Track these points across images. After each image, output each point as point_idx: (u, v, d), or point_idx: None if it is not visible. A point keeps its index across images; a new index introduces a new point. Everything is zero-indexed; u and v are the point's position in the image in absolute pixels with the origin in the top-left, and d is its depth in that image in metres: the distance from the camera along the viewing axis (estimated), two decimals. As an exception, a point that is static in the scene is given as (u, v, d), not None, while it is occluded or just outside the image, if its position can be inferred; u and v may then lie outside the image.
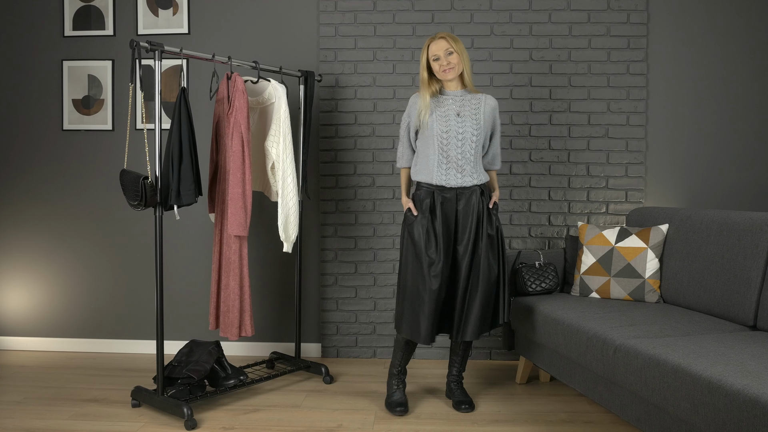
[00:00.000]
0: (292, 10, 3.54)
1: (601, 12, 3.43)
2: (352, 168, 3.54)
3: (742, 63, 3.44)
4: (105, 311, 3.67)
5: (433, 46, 2.65)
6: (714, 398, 1.71)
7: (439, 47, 2.64)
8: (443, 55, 2.64)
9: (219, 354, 2.84)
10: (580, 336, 2.40)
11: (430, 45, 2.67)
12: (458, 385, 2.86)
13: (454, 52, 2.64)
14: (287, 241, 2.97)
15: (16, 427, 2.53)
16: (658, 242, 2.83)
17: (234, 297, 2.86)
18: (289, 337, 3.61)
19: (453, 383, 2.86)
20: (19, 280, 3.70)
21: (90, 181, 3.65)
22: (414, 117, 2.71)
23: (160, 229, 2.64)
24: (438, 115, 2.66)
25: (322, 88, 3.52)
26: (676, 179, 3.48)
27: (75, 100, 3.61)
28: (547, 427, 2.56)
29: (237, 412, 2.71)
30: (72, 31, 3.60)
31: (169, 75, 3.56)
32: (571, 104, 3.47)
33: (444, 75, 2.66)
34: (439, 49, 2.64)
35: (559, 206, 3.49)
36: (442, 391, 3.00)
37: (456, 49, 2.64)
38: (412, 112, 2.72)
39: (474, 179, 2.67)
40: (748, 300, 2.37)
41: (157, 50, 2.58)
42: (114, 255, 3.65)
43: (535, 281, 2.97)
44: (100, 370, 3.32)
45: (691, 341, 2.07)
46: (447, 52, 2.64)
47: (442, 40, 2.65)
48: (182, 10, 3.55)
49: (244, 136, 2.79)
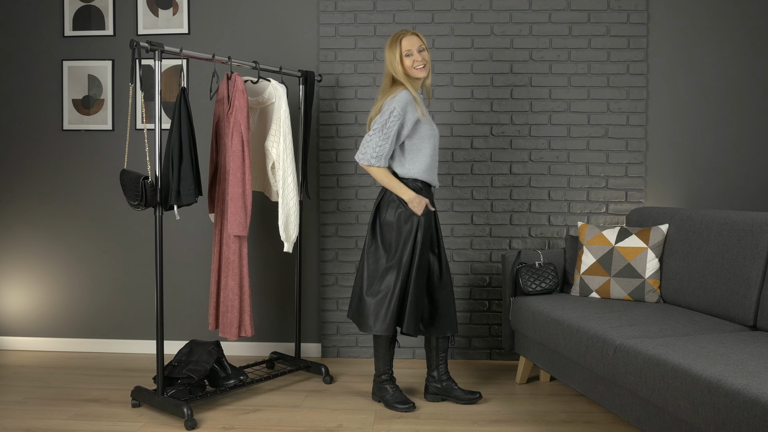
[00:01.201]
0: (292, 10, 3.54)
1: (601, 12, 3.43)
2: (352, 168, 3.53)
3: (742, 63, 3.44)
4: (105, 311, 3.67)
5: (405, 42, 2.63)
6: (714, 398, 1.71)
7: (411, 43, 2.63)
8: (416, 50, 2.63)
9: (219, 354, 2.84)
10: (580, 336, 2.40)
11: (401, 39, 2.64)
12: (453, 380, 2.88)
13: (425, 49, 2.65)
14: (287, 241, 2.97)
15: (16, 427, 2.53)
16: (658, 242, 2.83)
17: (233, 297, 2.86)
18: (289, 337, 3.61)
19: (450, 380, 2.85)
20: (19, 280, 3.70)
21: (90, 181, 3.65)
22: (411, 115, 2.62)
23: (160, 229, 2.64)
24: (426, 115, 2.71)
25: (322, 88, 3.52)
26: (676, 179, 3.48)
27: (75, 100, 3.61)
28: (547, 427, 2.56)
29: (237, 412, 2.71)
30: (72, 31, 3.60)
31: (169, 75, 3.56)
32: (571, 104, 3.47)
33: (417, 72, 2.64)
34: (412, 44, 2.63)
35: (559, 206, 3.49)
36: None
37: (426, 47, 2.67)
38: (410, 110, 2.61)
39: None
40: (748, 300, 2.37)
41: (157, 50, 2.58)
42: (114, 255, 3.65)
43: (535, 281, 2.97)
44: (100, 370, 3.32)
45: (691, 341, 2.07)
46: (419, 49, 2.64)
47: (414, 36, 2.65)
48: (182, 10, 3.55)
49: (244, 136, 2.79)
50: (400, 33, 2.67)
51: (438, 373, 2.83)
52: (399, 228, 2.67)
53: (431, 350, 2.83)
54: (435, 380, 2.84)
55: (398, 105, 2.59)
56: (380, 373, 2.80)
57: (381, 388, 2.81)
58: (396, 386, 2.80)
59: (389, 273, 2.66)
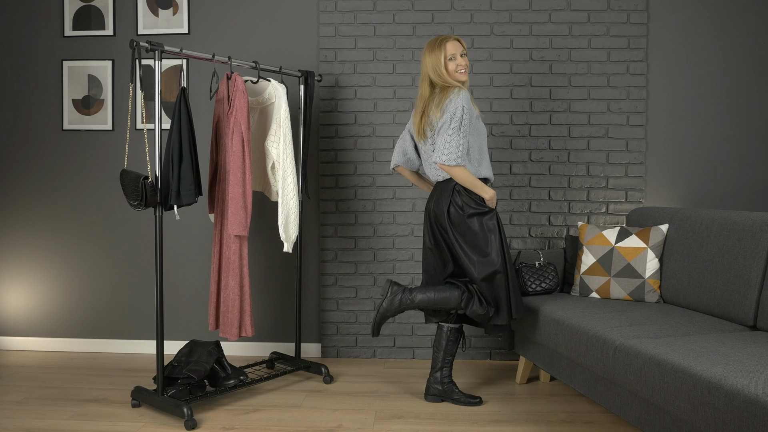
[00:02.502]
0: (292, 10, 3.54)
1: (601, 12, 3.43)
2: (352, 168, 3.54)
3: (742, 63, 3.44)
4: (105, 311, 3.67)
5: (450, 46, 2.67)
6: (714, 398, 1.71)
7: (455, 47, 2.68)
8: (459, 55, 2.69)
9: (219, 354, 2.84)
10: (580, 336, 2.40)
11: (446, 43, 2.67)
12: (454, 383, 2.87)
13: (465, 54, 2.72)
14: (287, 241, 2.97)
15: (16, 427, 2.53)
16: (658, 242, 2.83)
17: (234, 297, 2.86)
18: (289, 337, 3.61)
19: (452, 383, 2.84)
20: (19, 280, 3.70)
21: (90, 181, 3.65)
22: (473, 112, 2.67)
23: (160, 229, 2.64)
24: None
25: (322, 88, 3.52)
26: (676, 179, 3.48)
27: (75, 100, 3.61)
28: (547, 427, 2.56)
29: (237, 412, 2.71)
30: (72, 31, 3.60)
31: (169, 75, 3.56)
32: (571, 104, 3.47)
33: (460, 76, 2.70)
34: (456, 49, 2.69)
35: (559, 206, 3.49)
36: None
37: (466, 52, 2.73)
38: (472, 107, 2.67)
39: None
40: (748, 300, 2.37)
41: (157, 50, 2.58)
42: (114, 255, 3.65)
43: (535, 281, 2.97)
44: (100, 370, 3.32)
45: (691, 341, 2.07)
46: (462, 53, 2.71)
47: (457, 42, 2.70)
48: (182, 10, 3.55)
49: (245, 136, 2.79)
50: (443, 37, 2.70)
51: (441, 375, 2.83)
52: (484, 225, 2.69)
53: (440, 351, 2.82)
54: (437, 381, 2.83)
55: (465, 103, 2.63)
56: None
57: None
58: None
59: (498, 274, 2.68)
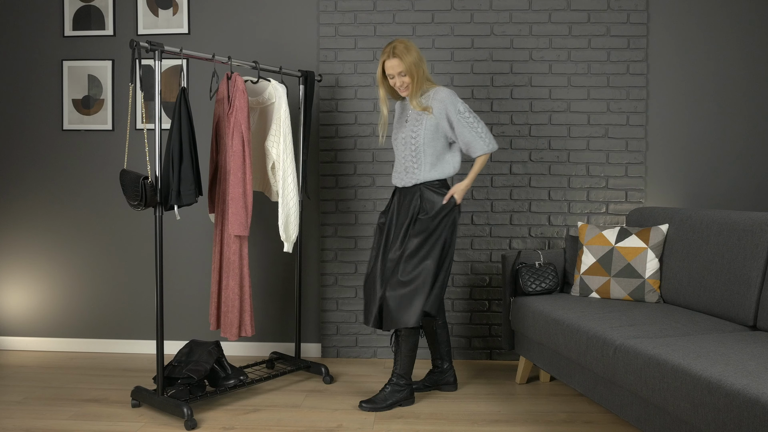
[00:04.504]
0: (292, 10, 3.54)
1: (601, 12, 3.43)
2: (352, 168, 3.54)
3: (742, 63, 3.44)
4: (105, 311, 3.67)
5: (387, 65, 2.70)
6: (714, 398, 1.71)
7: (391, 67, 2.69)
8: (396, 75, 2.71)
9: (219, 354, 2.84)
10: (580, 336, 2.40)
11: (384, 62, 2.71)
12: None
13: (405, 73, 2.69)
14: (287, 241, 2.97)
15: (16, 427, 2.53)
16: (658, 242, 2.83)
17: (234, 297, 2.86)
18: (289, 337, 3.61)
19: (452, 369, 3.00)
20: (19, 280, 3.70)
21: (90, 181, 3.65)
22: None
23: (160, 229, 2.64)
24: None
25: (322, 88, 3.52)
26: (676, 179, 3.48)
27: (75, 100, 3.61)
28: (547, 427, 2.56)
29: (237, 412, 2.71)
30: (72, 31, 3.60)
31: (169, 75, 3.56)
32: (571, 104, 3.47)
33: (401, 93, 2.77)
34: (392, 68, 2.70)
35: (559, 206, 3.49)
36: (441, 391, 2.99)
37: (406, 67, 2.66)
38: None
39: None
40: (748, 300, 2.37)
41: (157, 50, 2.58)
42: (114, 255, 3.65)
43: (535, 281, 2.97)
44: (100, 370, 3.32)
45: (691, 341, 2.07)
46: (399, 74, 2.70)
47: (395, 59, 2.67)
48: (182, 10, 3.55)
49: (245, 136, 2.79)
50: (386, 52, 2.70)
51: (447, 365, 2.98)
52: (452, 225, 2.82)
53: (439, 343, 2.96)
54: (443, 371, 2.98)
55: (457, 98, 2.75)
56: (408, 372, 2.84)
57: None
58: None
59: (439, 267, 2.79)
